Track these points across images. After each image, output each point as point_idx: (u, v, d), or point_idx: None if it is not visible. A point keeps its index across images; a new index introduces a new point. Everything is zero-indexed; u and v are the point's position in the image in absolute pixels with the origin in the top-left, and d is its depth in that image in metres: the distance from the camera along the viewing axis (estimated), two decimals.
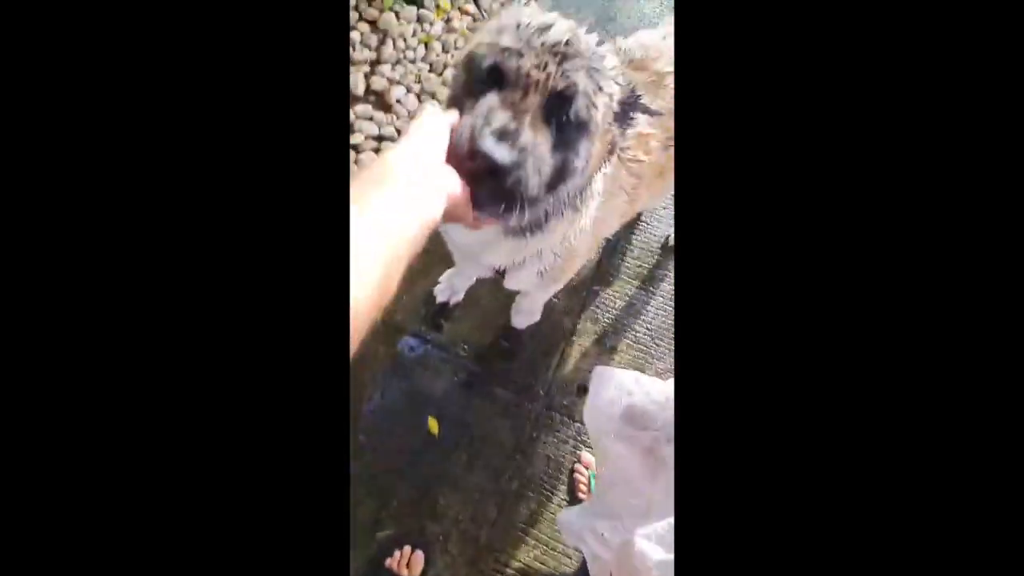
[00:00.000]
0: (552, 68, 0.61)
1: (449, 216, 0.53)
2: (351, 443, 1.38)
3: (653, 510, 0.85)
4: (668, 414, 0.92)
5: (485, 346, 1.50)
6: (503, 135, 0.57)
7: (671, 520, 0.79)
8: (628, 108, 0.73)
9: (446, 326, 1.51)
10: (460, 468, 1.40)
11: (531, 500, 1.38)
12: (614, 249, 1.57)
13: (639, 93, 0.74)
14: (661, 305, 1.53)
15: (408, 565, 1.30)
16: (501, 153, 0.56)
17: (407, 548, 1.31)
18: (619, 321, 1.52)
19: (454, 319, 1.52)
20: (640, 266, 1.57)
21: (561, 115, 0.62)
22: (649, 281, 1.55)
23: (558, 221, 0.81)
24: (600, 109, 0.66)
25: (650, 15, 1.83)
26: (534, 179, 0.60)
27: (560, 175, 0.66)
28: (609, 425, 0.98)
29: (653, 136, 0.99)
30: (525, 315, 1.48)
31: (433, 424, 1.42)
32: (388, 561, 1.30)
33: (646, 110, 0.75)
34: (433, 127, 0.55)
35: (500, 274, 1.01)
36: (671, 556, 0.73)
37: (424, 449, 1.40)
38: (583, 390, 1.46)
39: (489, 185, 0.57)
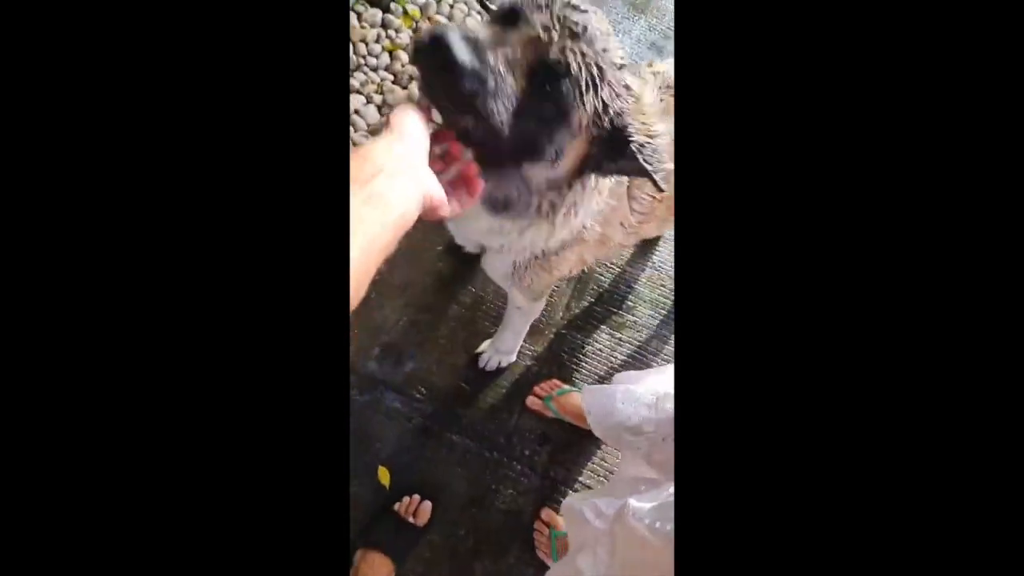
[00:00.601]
0: (555, 36, 0.58)
1: (427, 216, 0.53)
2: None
3: (649, 489, 0.90)
4: (659, 415, 0.96)
5: (444, 389, 1.39)
6: (471, 41, 0.54)
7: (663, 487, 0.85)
8: (615, 144, 0.66)
9: (401, 368, 1.38)
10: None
11: (486, 557, 1.29)
12: (584, 291, 1.51)
13: (632, 135, 0.66)
14: (630, 354, 1.48)
15: (415, 513, 1.27)
16: (460, 48, 0.52)
17: (415, 496, 1.28)
18: (586, 367, 1.46)
19: (412, 359, 1.40)
20: (610, 311, 1.51)
21: (544, 84, 0.59)
22: (619, 327, 1.50)
23: (530, 217, 0.76)
24: (587, 111, 0.62)
25: (632, 53, 1.80)
26: (494, 104, 0.56)
27: (528, 148, 0.63)
28: (615, 434, 1.04)
29: (671, 175, 0.91)
30: (502, 355, 1.39)
31: (384, 475, 1.30)
32: (396, 506, 1.27)
33: (632, 159, 0.67)
34: (411, 126, 0.52)
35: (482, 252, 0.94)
36: (659, 502, 0.79)
37: (373, 501, 1.28)
38: (546, 439, 1.39)
39: (441, 79, 0.54)
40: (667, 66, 0.96)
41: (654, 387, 1.04)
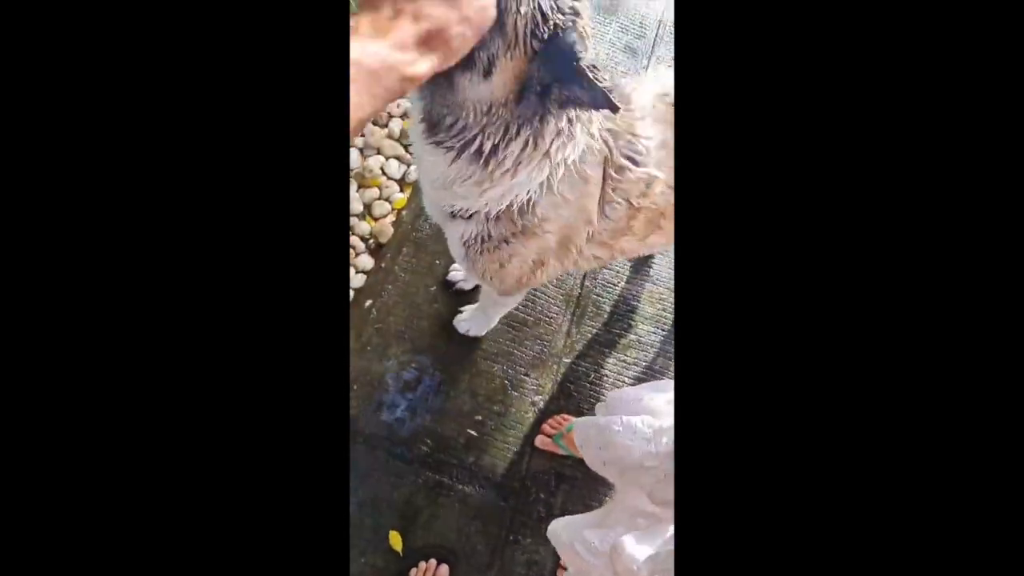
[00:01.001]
0: None
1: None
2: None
3: (650, 526, 0.86)
4: (658, 449, 0.91)
5: (449, 439, 1.33)
6: None
7: (662, 528, 0.81)
8: (562, 66, 0.61)
9: (404, 422, 1.33)
10: None
11: None
12: (583, 315, 1.44)
13: (580, 53, 0.61)
14: (638, 375, 1.40)
15: None
16: None
17: (432, 561, 1.20)
18: (596, 396, 1.39)
19: (416, 411, 1.34)
20: (612, 333, 1.44)
21: None
22: (625, 349, 1.43)
23: (468, 158, 0.71)
24: (523, 15, 0.58)
25: (607, 56, 1.73)
26: None
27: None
28: (616, 468, 0.98)
29: (657, 183, 0.86)
30: (472, 326, 1.37)
31: (395, 539, 1.24)
32: (412, 573, 1.21)
33: (584, 85, 0.61)
34: None
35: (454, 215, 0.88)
36: (656, 550, 0.75)
37: (386, 570, 1.22)
38: (560, 478, 1.32)
39: None
40: (664, 74, 0.94)
41: (651, 416, 0.97)
